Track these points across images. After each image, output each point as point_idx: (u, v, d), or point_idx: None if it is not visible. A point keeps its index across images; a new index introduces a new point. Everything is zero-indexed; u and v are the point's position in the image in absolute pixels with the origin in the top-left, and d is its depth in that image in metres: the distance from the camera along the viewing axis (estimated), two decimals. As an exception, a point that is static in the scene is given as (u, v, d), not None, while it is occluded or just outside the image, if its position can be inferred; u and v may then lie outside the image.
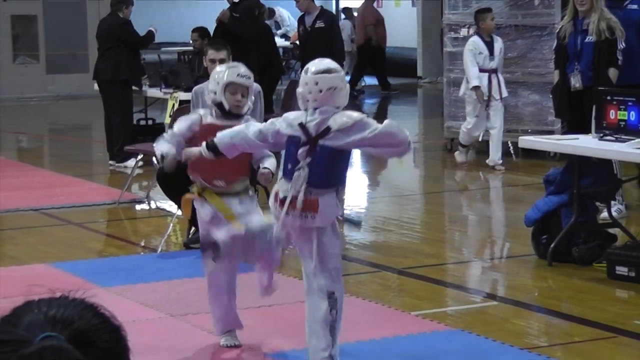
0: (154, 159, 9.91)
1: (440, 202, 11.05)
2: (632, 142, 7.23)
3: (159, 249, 8.34)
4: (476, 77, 11.84)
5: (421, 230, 9.28)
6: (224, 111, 5.71)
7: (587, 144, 7.55)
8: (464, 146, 12.44)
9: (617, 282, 7.10)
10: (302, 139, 5.17)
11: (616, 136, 7.45)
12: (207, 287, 5.86)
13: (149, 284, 7.21)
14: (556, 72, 9.44)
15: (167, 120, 11.12)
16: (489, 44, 11.94)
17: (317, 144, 5.15)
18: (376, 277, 7.56)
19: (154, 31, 12.87)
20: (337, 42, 13.12)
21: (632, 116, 7.45)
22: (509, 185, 11.47)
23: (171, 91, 11.89)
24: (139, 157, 10.61)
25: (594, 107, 7.87)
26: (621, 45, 9.02)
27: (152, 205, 10.40)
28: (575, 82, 9.14)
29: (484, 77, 11.89)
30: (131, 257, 8.23)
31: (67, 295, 1.63)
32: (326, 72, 5.23)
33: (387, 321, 6.38)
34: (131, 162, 11.40)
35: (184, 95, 11.27)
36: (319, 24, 12.90)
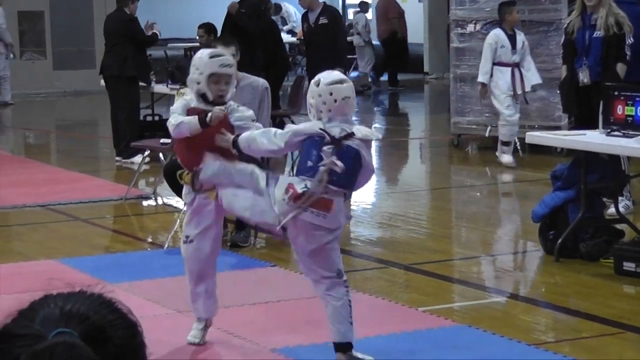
0: (160, 155, 9.94)
1: (446, 198, 11.04)
2: (640, 137, 7.22)
3: (166, 245, 8.34)
4: (485, 73, 11.71)
5: (428, 226, 9.27)
6: (207, 101, 5.74)
7: (594, 140, 7.54)
8: (507, 143, 11.75)
9: (625, 277, 7.09)
10: (327, 138, 5.21)
11: (623, 132, 7.44)
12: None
13: (156, 280, 7.21)
14: (564, 68, 9.42)
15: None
16: (512, 38, 11.71)
17: (343, 144, 5.24)
18: (383, 273, 7.56)
19: (158, 33, 12.88)
20: (340, 38, 13.11)
21: (640, 112, 7.44)
22: (516, 181, 11.45)
23: (178, 87, 11.87)
24: (146, 153, 10.61)
25: (602, 102, 7.85)
26: (629, 40, 8.99)
27: (159, 201, 10.40)
28: (583, 77, 9.12)
29: (506, 71, 11.67)
30: (138, 253, 8.24)
31: (85, 290, 1.62)
32: (339, 82, 5.38)
33: (394, 317, 6.37)
34: (138, 158, 11.41)
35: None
36: (323, 20, 12.89)
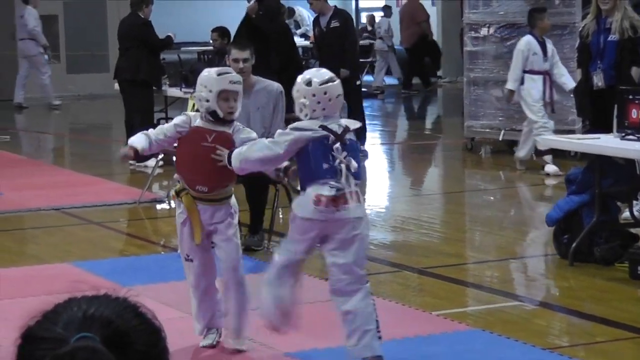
0: (174, 158, 9.93)
1: (460, 201, 11.02)
2: (654, 141, 7.20)
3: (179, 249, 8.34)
4: (515, 80, 11.36)
5: (441, 229, 9.26)
6: (217, 118, 5.72)
7: (608, 144, 7.52)
8: (546, 152, 11.37)
9: (639, 282, 7.06)
10: (331, 137, 5.25)
11: (638, 135, 7.41)
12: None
13: (170, 284, 7.21)
14: (578, 71, 9.41)
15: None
16: (542, 45, 11.42)
17: (346, 139, 5.34)
18: (396, 277, 7.55)
19: (172, 37, 12.91)
20: (349, 42, 13.12)
21: (655, 115, 7.41)
22: (530, 184, 11.43)
23: (191, 91, 11.89)
24: (160, 156, 10.63)
25: (616, 106, 7.84)
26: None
27: (173, 204, 10.39)
28: (597, 80, 9.11)
29: (539, 79, 11.36)
30: (152, 257, 8.25)
31: (110, 293, 1.62)
32: (331, 81, 5.47)
33: (408, 321, 6.37)
34: (151, 162, 11.42)
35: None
36: (334, 24, 12.93)
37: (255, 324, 6.25)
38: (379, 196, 11.32)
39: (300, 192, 5.49)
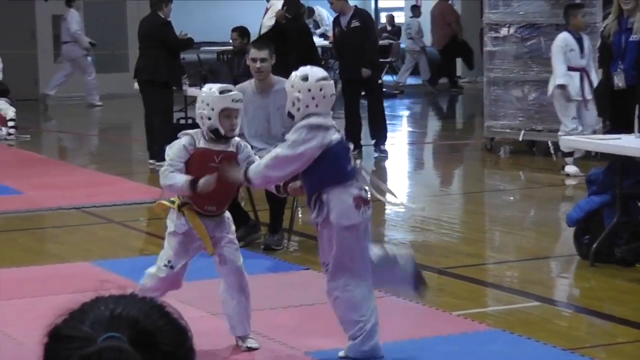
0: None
1: (480, 201, 11.00)
2: (676, 141, 7.17)
3: (200, 248, 8.35)
4: (563, 75, 11.18)
5: (461, 229, 9.25)
6: (219, 135, 5.72)
7: (629, 144, 7.49)
8: (569, 154, 11.30)
9: (660, 283, 7.04)
10: (344, 138, 5.32)
11: (659, 136, 7.39)
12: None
13: (190, 283, 7.19)
14: (600, 71, 9.38)
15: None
16: (579, 41, 11.29)
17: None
18: (416, 277, 7.53)
19: (192, 39, 12.93)
20: (370, 41, 13.14)
21: (676, 116, 7.39)
22: (550, 185, 11.39)
23: (211, 90, 11.92)
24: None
25: (637, 106, 7.81)
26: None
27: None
28: (618, 81, 9.07)
29: (576, 75, 11.21)
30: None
31: (137, 293, 1.62)
32: (327, 79, 5.56)
33: (428, 321, 6.36)
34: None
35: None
36: (355, 24, 12.94)
37: (274, 323, 6.26)
38: (398, 196, 11.30)
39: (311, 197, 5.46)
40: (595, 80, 10.99)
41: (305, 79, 5.49)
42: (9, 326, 6.23)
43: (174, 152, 5.75)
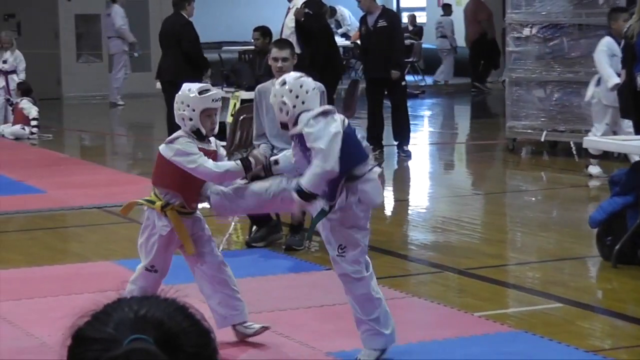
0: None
1: (501, 202, 10.98)
2: (700, 143, 7.13)
3: (221, 248, 8.37)
4: (613, 75, 10.82)
5: (482, 230, 9.23)
6: (200, 136, 5.75)
7: (653, 145, 7.46)
8: (596, 157, 11.15)
9: (683, 284, 7.00)
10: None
11: (683, 137, 7.35)
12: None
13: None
14: (623, 72, 9.34)
15: (229, 119, 11.17)
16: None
17: None
18: (437, 278, 7.53)
19: (207, 60, 13.01)
20: (398, 42, 13.14)
21: (700, 117, 7.35)
22: (572, 186, 11.35)
23: (233, 90, 11.95)
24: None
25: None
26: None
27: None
28: (641, 82, 9.03)
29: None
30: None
31: (159, 294, 1.61)
32: (303, 76, 5.63)
33: (449, 322, 6.35)
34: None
35: (245, 94, 11.31)
36: (382, 23, 12.93)
37: (295, 323, 6.26)
38: (420, 196, 11.29)
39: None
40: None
41: (283, 83, 5.58)
42: (32, 325, 6.26)
43: (191, 147, 5.73)
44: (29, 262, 7.96)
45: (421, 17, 25.01)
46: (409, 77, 21.63)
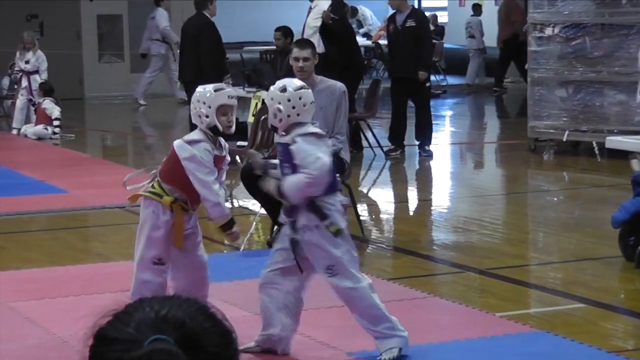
0: (237, 157, 9.99)
1: (523, 202, 10.94)
2: None
3: (242, 247, 8.39)
4: None
5: (504, 230, 9.20)
6: (217, 132, 5.76)
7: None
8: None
9: None
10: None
11: None
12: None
13: (233, 283, 7.25)
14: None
15: (251, 119, 11.19)
16: None
17: None
18: (459, 278, 7.52)
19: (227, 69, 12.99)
20: (426, 42, 13.11)
21: None
22: (594, 186, 11.31)
23: (254, 90, 11.95)
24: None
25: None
26: None
27: (235, 203, 10.46)
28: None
29: None
30: (215, 256, 8.26)
31: (181, 294, 1.61)
32: (304, 88, 5.64)
33: (471, 322, 6.34)
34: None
35: (266, 94, 11.30)
36: (410, 23, 12.91)
37: (317, 323, 6.26)
38: (442, 196, 11.27)
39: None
40: None
41: (283, 90, 5.58)
42: (54, 324, 6.28)
43: (208, 159, 5.76)
44: (51, 261, 8.00)
45: (442, 17, 24.95)
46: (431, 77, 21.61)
